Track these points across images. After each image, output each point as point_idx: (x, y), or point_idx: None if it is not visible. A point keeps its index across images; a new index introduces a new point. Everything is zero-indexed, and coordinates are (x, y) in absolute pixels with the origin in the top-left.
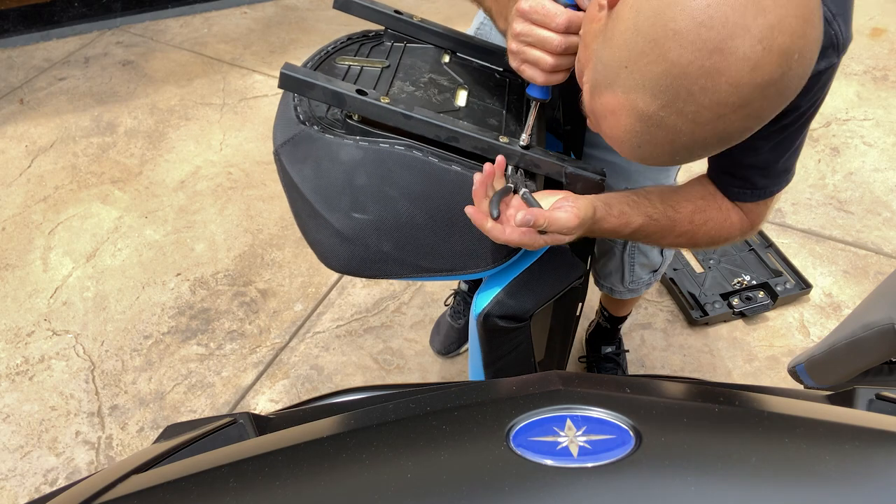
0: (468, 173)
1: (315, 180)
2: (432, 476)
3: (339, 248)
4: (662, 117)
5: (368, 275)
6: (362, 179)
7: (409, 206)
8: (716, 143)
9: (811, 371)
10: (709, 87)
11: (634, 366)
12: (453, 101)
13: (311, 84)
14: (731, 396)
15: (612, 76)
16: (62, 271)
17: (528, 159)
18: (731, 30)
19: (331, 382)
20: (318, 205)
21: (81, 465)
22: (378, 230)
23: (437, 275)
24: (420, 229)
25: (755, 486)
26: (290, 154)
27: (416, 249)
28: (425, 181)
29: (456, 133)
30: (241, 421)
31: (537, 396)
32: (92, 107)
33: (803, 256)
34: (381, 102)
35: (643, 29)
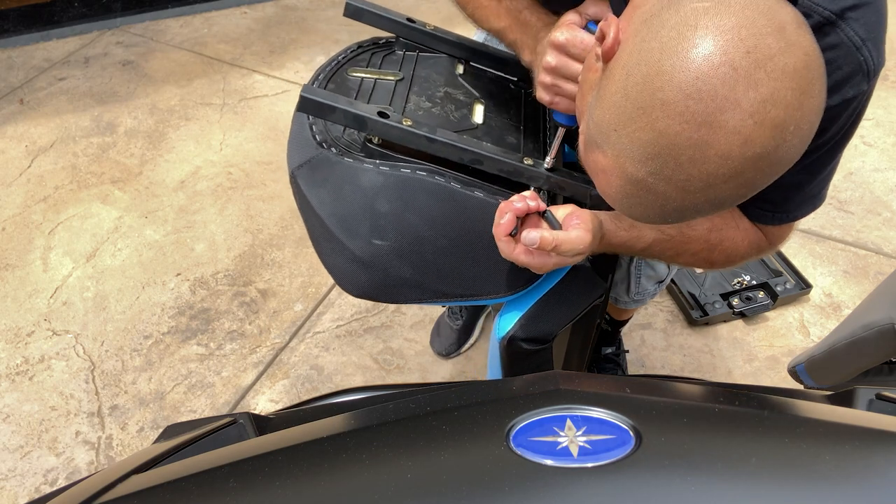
0: (491, 199)
1: (334, 205)
2: (432, 476)
3: (358, 274)
4: (651, 183)
5: (387, 300)
6: (383, 206)
7: (430, 232)
8: (707, 209)
9: (811, 371)
10: (698, 158)
11: (634, 366)
12: (471, 118)
13: (331, 108)
14: (731, 396)
15: (602, 136)
16: (62, 271)
17: (554, 182)
18: (721, 104)
19: (331, 382)
20: (337, 230)
21: (81, 465)
22: (399, 256)
23: (458, 300)
24: (441, 255)
25: (755, 486)
26: (307, 177)
27: (437, 275)
28: (447, 207)
29: (480, 156)
30: (241, 421)
31: (537, 396)
32: (92, 107)
33: (803, 256)
34: (404, 125)
35: (632, 94)
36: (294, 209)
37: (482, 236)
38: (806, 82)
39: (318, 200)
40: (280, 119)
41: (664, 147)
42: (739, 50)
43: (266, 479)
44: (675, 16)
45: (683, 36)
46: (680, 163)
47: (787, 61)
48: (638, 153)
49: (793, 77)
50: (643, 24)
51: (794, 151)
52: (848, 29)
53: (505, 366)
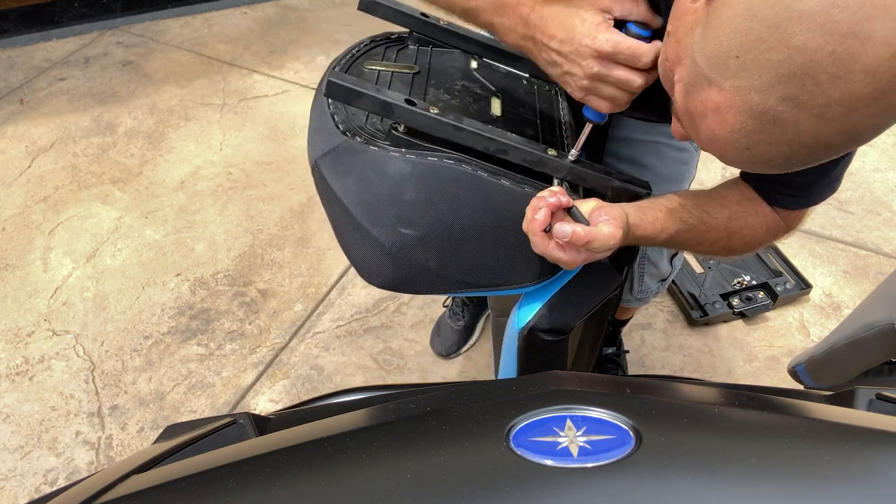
0: (517, 188)
1: (360, 194)
2: (432, 476)
3: (383, 264)
4: (781, 112)
5: (412, 290)
6: (410, 194)
7: (458, 220)
8: (843, 144)
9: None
10: (840, 75)
11: (634, 366)
12: (489, 110)
13: (359, 93)
14: (731, 396)
15: (718, 68)
16: (62, 271)
17: (576, 173)
18: (869, 10)
19: (331, 382)
20: (363, 219)
21: (81, 465)
22: (425, 246)
23: (481, 289)
24: (467, 245)
25: (755, 486)
26: (331, 166)
27: (462, 265)
28: (474, 196)
29: (506, 145)
30: (241, 421)
31: (537, 396)
32: (92, 107)
33: (803, 256)
34: (431, 113)
35: (760, 12)
36: (294, 209)
37: (509, 225)
38: None
39: (344, 189)
40: (280, 119)
41: (801, 65)
42: None
43: (266, 479)
44: None
45: None
46: (819, 83)
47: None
48: (767, 77)
49: None
50: None
51: None
52: None
53: (521, 357)
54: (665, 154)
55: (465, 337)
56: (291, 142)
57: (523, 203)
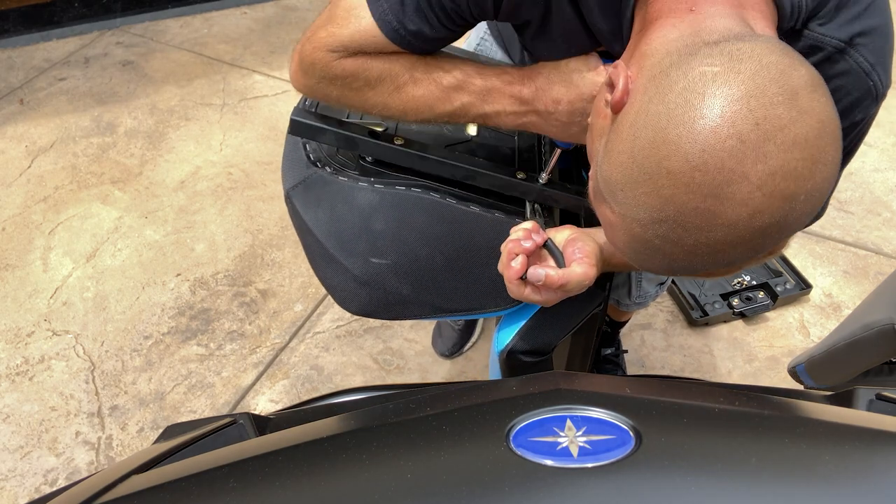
0: (487, 213)
1: (330, 225)
2: (432, 476)
3: (357, 293)
4: (657, 245)
5: (388, 317)
6: (380, 224)
7: (427, 249)
8: (715, 268)
9: (811, 371)
10: (704, 226)
11: (634, 366)
12: (465, 130)
13: (321, 129)
14: (731, 396)
15: (610, 193)
16: (62, 271)
17: (547, 195)
18: (728, 176)
19: (331, 383)
20: (334, 250)
21: (81, 465)
22: (396, 274)
23: (457, 314)
24: (439, 271)
25: (755, 486)
26: (302, 197)
27: (436, 291)
28: (444, 223)
29: (472, 172)
30: (241, 421)
31: (537, 396)
32: (92, 107)
33: (803, 257)
34: (395, 145)
35: (638, 158)
36: None
37: (480, 251)
38: (818, 150)
39: (315, 220)
40: (280, 119)
41: (670, 214)
42: (748, 122)
43: (266, 479)
44: (683, 79)
45: (690, 104)
46: (687, 229)
47: (799, 131)
48: (644, 216)
49: (804, 147)
50: (651, 82)
51: (805, 217)
52: (857, 55)
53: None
54: None
55: (467, 336)
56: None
57: (494, 228)
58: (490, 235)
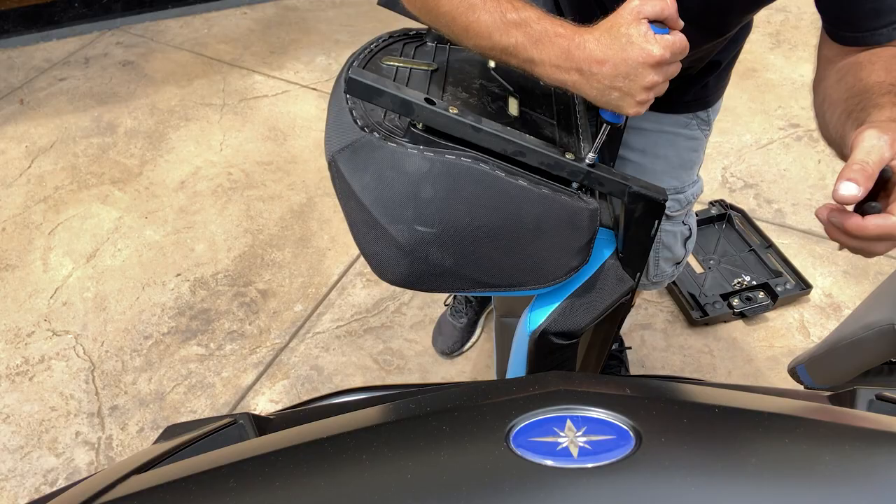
0: (534, 188)
1: (377, 190)
2: (432, 476)
3: (398, 261)
4: None
5: (427, 289)
6: (428, 192)
7: (474, 220)
8: None
9: (811, 371)
10: None
11: (634, 366)
12: (507, 110)
13: (379, 91)
14: (731, 396)
15: None
16: (62, 272)
17: (594, 177)
18: None
19: (331, 383)
20: (379, 216)
21: (81, 465)
22: (441, 244)
23: (495, 289)
24: (483, 244)
25: (755, 486)
26: (348, 161)
27: (478, 264)
28: (492, 195)
29: (524, 148)
30: (241, 421)
31: (537, 397)
32: (92, 107)
33: (803, 257)
34: (450, 113)
35: None
36: (294, 210)
37: (526, 225)
38: None
39: (360, 185)
40: (280, 119)
41: None
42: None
43: (266, 479)
44: None
45: None
46: None
47: None
48: None
49: None
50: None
51: None
52: None
53: (531, 360)
54: (678, 143)
55: (468, 335)
56: (291, 142)
57: (541, 203)
58: (536, 210)
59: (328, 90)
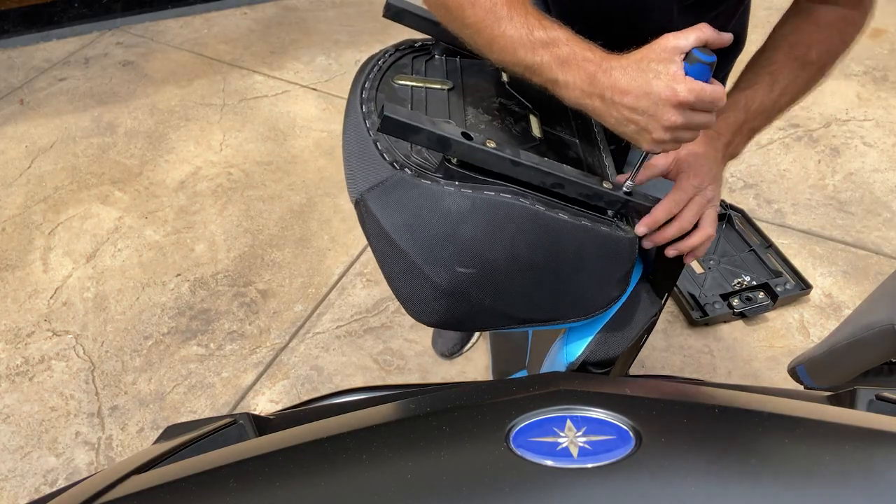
0: (575, 221)
1: (413, 231)
2: (432, 476)
3: (436, 303)
4: None
5: (464, 328)
6: (468, 231)
7: (515, 257)
8: None
9: (811, 371)
10: None
11: (634, 366)
12: (531, 131)
13: (416, 128)
14: (731, 396)
15: None
16: (62, 272)
17: (631, 206)
18: None
19: (331, 383)
20: (417, 257)
21: (81, 465)
22: (481, 284)
23: (536, 325)
24: (525, 281)
25: (755, 486)
26: (379, 201)
27: (519, 301)
28: (534, 232)
29: (563, 179)
30: (241, 421)
31: (537, 397)
32: (92, 107)
33: (803, 257)
34: (488, 148)
35: None
36: (294, 210)
37: (566, 259)
38: None
39: (394, 226)
40: (280, 119)
41: None
42: None
43: (266, 479)
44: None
45: None
46: None
47: None
48: None
49: None
50: None
51: None
52: None
53: None
54: None
55: (467, 336)
56: (291, 142)
57: (581, 236)
58: (577, 243)
59: (328, 90)
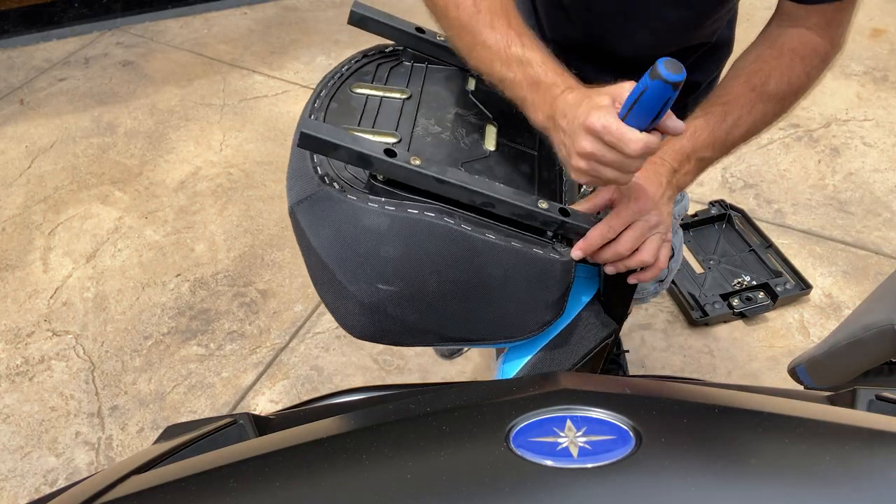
0: (503, 243)
1: (336, 247)
2: (432, 477)
3: (360, 318)
4: None
5: (392, 343)
6: (389, 250)
7: (438, 277)
8: None
9: (811, 371)
10: None
11: (634, 366)
12: (482, 144)
13: (334, 145)
14: (731, 396)
15: None
16: (62, 272)
17: (569, 227)
18: None
19: (331, 383)
20: (339, 273)
21: (81, 465)
22: (403, 302)
23: (465, 343)
24: (449, 301)
25: (755, 486)
26: (307, 214)
27: (444, 320)
28: (457, 251)
29: (493, 199)
30: (241, 421)
31: (537, 397)
32: (92, 107)
33: (803, 257)
34: (412, 165)
35: None
36: None
37: (494, 281)
38: None
39: (319, 241)
40: (280, 119)
41: None
42: None
43: (266, 479)
44: None
45: None
46: None
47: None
48: None
49: None
50: None
51: None
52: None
53: None
54: None
55: None
56: (291, 142)
57: (509, 257)
58: (505, 265)
59: None
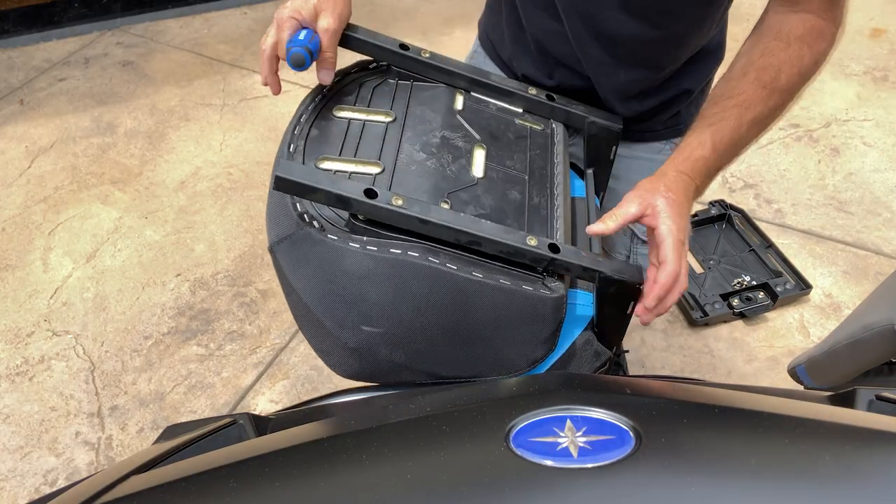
0: (491, 281)
1: (318, 290)
2: (432, 477)
3: (347, 359)
4: None
5: (380, 382)
6: (372, 293)
7: (425, 318)
8: None
9: (811, 371)
10: None
11: (634, 366)
12: (469, 171)
13: (312, 188)
14: (731, 397)
15: None
16: (62, 272)
17: (559, 263)
18: None
19: (331, 383)
20: (323, 317)
21: (81, 465)
22: (390, 343)
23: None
24: (437, 341)
25: (755, 486)
26: (287, 255)
27: (433, 360)
28: (443, 292)
29: (478, 238)
30: (240, 421)
31: (537, 397)
32: (92, 107)
33: (803, 257)
34: (394, 206)
35: None
36: None
37: (482, 320)
38: None
39: (301, 283)
40: (280, 119)
41: None
42: None
43: (266, 479)
44: None
45: None
46: None
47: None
48: None
49: None
50: None
51: None
52: None
53: None
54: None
55: None
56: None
57: (497, 296)
58: (492, 304)
59: None
